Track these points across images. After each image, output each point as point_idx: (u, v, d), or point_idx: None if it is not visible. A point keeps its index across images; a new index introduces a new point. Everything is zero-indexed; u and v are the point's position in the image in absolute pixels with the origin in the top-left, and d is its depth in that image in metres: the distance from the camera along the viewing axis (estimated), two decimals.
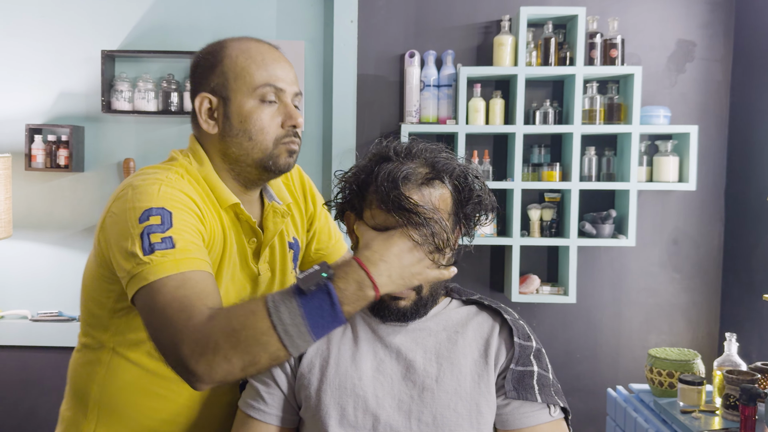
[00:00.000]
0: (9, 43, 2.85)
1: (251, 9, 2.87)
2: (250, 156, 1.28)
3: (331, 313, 1.05)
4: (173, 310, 1.07)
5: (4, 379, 2.89)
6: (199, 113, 1.29)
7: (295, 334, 1.03)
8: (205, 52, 1.32)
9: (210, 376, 1.03)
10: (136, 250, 1.12)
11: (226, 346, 1.02)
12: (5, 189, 2.55)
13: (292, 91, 1.31)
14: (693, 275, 2.89)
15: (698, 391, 2.10)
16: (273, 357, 1.04)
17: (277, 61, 1.30)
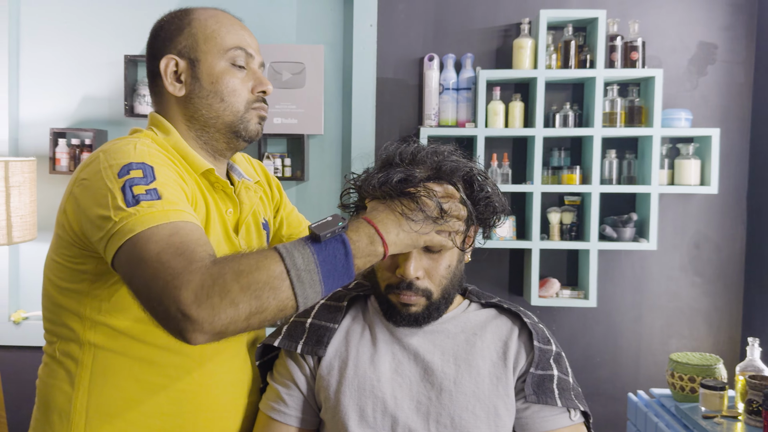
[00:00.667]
0: (34, 50, 2.90)
1: (272, 13, 2.89)
2: (221, 119, 1.25)
3: (344, 264, 1.01)
4: (169, 255, 0.97)
5: (28, 378, 2.93)
6: (165, 75, 1.25)
7: (307, 282, 0.98)
8: (170, 16, 1.30)
9: (212, 323, 0.93)
10: (119, 203, 1.04)
11: (236, 287, 0.94)
12: (30, 192, 2.60)
13: (259, 60, 1.30)
14: (715, 279, 2.86)
15: (720, 396, 2.08)
16: (281, 306, 0.97)
17: (245, 29, 1.30)
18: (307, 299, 0.99)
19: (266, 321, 0.98)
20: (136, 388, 1.19)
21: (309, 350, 1.22)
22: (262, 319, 0.97)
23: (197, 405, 1.23)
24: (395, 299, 1.19)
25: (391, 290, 1.19)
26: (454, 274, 1.21)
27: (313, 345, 1.23)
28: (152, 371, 1.19)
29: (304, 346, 1.23)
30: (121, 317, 1.18)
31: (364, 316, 1.28)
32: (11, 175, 2.48)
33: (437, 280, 1.18)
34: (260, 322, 0.97)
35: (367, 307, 1.30)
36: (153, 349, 1.19)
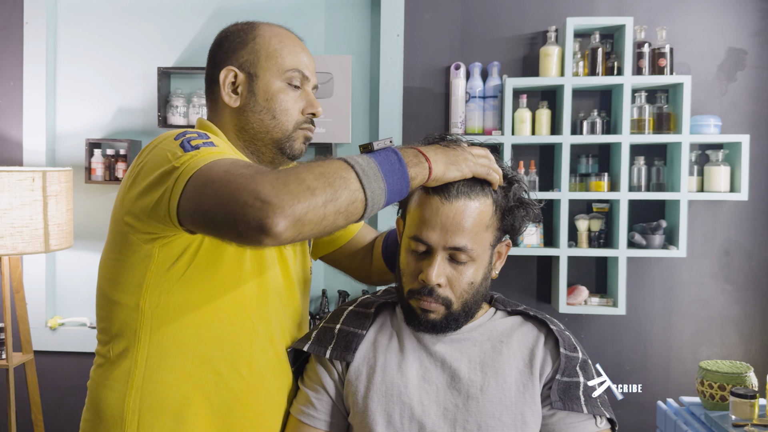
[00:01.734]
0: (71, 63, 2.98)
1: (301, 25, 2.94)
2: (269, 134, 1.30)
3: (399, 167, 1.07)
4: (237, 167, 1.02)
5: (65, 384, 3.00)
6: (223, 85, 1.30)
7: (371, 176, 1.04)
8: (235, 29, 1.34)
9: (292, 207, 0.95)
10: (179, 154, 1.10)
11: (310, 176, 0.99)
12: (66, 201, 2.67)
13: (314, 82, 1.36)
14: (745, 287, 2.83)
15: (751, 404, 2.06)
16: (352, 197, 1.01)
17: (305, 51, 1.35)
18: (374, 193, 1.04)
19: (340, 213, 1.01)
20: (189, 386, 1.22)
21: (337, 355, 1.25)
22: (337, 209, 1.00)
23: (246, 404, 1.25)
24: (415, 304, 1.21)
25: (413, 295, 1.21)
26: (477, 290, 1.22)
27: (341, 350, 1.25)
28: (205, 368, 1.22)
29: (333, 352, 1.25)
30: (175, 310, 1.21)
31: (392, 323, 1.30)
32: (48, 184, 2.56)
33: (458, 291, 1.19)
34: (335, 213, 1.00)
35: (395, 314, 1.32)
36: (206, 346, 1.22)
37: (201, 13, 2.95)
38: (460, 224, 1.16)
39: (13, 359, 2.67)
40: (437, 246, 1.17)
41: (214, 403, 1.23)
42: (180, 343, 1.21)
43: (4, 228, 2.47)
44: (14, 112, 2.95)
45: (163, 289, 1.20)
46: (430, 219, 1.16)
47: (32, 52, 2.92)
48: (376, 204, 1.05)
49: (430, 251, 1.19)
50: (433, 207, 1.17)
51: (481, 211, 1.18)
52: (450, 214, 1.16)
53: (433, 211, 1.17)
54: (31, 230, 2.52)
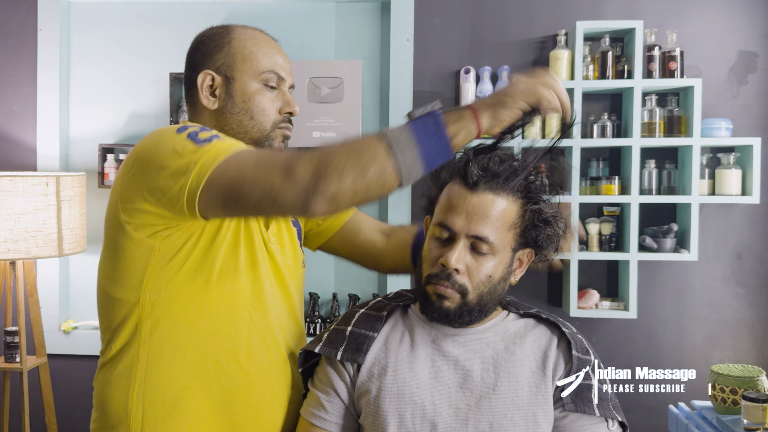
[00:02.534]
0: (84, 69, 3.01)
1: (311, 30, 2.96)
2: (248, 134, 1.34)
3: (435, 129, 1.11)
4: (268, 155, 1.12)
5: (78, 387, 3.02)
6: (201, 89, 1.34)
7: (403, 143, 1.09)
8: (211, 33, 1.39)
9: (326, 187, 1.06)
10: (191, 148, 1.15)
11: (341, 155, 1.08)
12: (80, 206, 2.69)
13: (290, 82, 1.39)
14: (758, 290, 2.81)
15: (763, 408, 2.05)
16: (380, 169, 1.08)
17: (280, 52, 1.38)
18: (406, 160, 1.10)
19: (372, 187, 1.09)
20: (189, 376, 1.25)
21: (348, 357, 1.25)
22: (367, 182, 1.08)
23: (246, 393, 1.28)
24: (431, 290, 1.22)
25: (431, 280, 1.22)
26: (494, 287, 1.23)
27: (352, 352, 1.26)
28: (205, 358, 1.25)
29: (344, 353, 1.26)
30: (174, 303, 1.24)
31: (404, 323, 1.31)
32: (62, 189, 2.58)
33: (475, 282, 1.21)
34: (366, 187, 1.08)
35: (407, 315, 1.33)
36: (205, 336, 1.25)
37: (213, 19, 2.94)
38: (485, 214, 1.19)
39: (27, 362, 2.69)
40: (460, 232, 1.20)
41: (215, 392, 1.26)
42: (179, 335, 1.24)
43: (18, 232, 2.50)
44: (28, 117, 2.98)
45: (162, 282, 1.24)
46: (456, 206, 1.20)
47: (46, 59, 2.95)
48: (413, 169, 1.11)
49: (452, 238, 1.21)
50: (460, 195, 1.21)
51: (507, 209, 1.21)
52: (476, 203, 1.19)
53: (460, 199, 1.20)
54: (44, 234, 2.54)
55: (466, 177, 1.21)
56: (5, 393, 2.79)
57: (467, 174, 1.21)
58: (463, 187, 1.22)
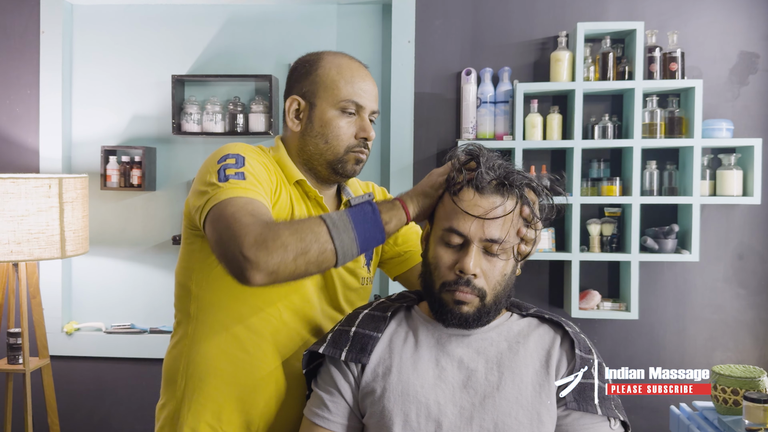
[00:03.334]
0: (86, 71, 3.03)
1: (313, 32, 2.97)
2: (323, 156, 1.45)
3: (372, 217, 1.25)
4: (242, 214, 1.21)
5: (80, 388, 3.03)
6: (288, 112, 1.48)
7: (341, 227, 1.21)
8: (302, 60, 1.51)
9: (266, 263, 1.15)
10: (214, 180, 1.30)
11: (285, 233, 1.17)
12: (82, 207, 2.70)
13: (371, 108, 1.48)
14: (760, 291, 2.82)
15: (764, 408, 2.05)
16: (321, 249, 1.19)
17: (364, 80, 1.48)
18: (343, 243, 1.21)
19: (311, 263, 1.19)
20: (223, 360, 1.40)
21: (353, 357, 1.26)
22: (307, 261, 1.18)
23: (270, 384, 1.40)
24: (449, 297, 1.22)
25: (446, 287, 1.23)
26: (507, 283, 1.25)
27: (356, 353, 1.26)
28: (237, 346, 1.40)
29: (348, 354, 1.26)
30: (214, 292, 1.41)
31: (408, 324, 1.31)
32: (65, 191, 2.59)
33: (492, 283, 1.22)
34: (306, 264, 1.19)
35: (411, 315, 1.33)
36: (238, 327, 1.40)
37: (214, 22, 2.98)
38: (495, 216, 1.21)
39: (29, 364, 2.70)
40: (473, 237, 1.21)
41: (243, 378, 1.39)
42: (217, 321, 1.40)
43: (21, 234, 2.51)
44: (31, 119, 2.99)
45: (204, 274, 1.41)
46: (467, 211, 1.21)
47: (48, 61, 2.96)
48: (348, 252, 1.22)
49: (464, 243, 1.22)
50: (470, 200, 1.22)
51: (511, 206, 1.23)
52: (487, 207, 1.21)
53: (471, 204, 1.21)
54: (47, 236, 2.55)
55: (474, 182, 1.22)
56: (8, 394, 2.80)
57: (477, 181, 1.22)
58: (471, 190, 1.22)
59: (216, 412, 1.40)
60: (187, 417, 1.40)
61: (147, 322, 3.02)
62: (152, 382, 3.00)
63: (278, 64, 2.96)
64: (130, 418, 3.02)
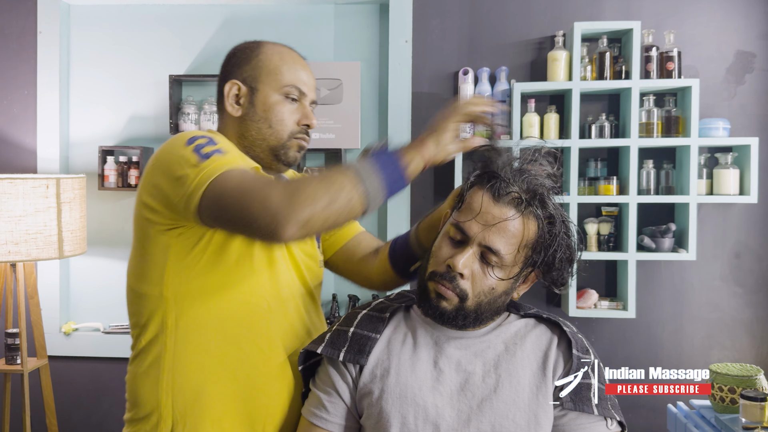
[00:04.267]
0: (84, 71, 3.02)
1: (310, 32, 2.97)
2: (266, 141, 1.43)
3: (393, 161, 1.22)
4: (249, 181, 1.18)
5: (78, 388, 3.03)
6: (227, 97, 1.44)
7: (369, 172, 1.19)
8: (242, 46, 1.49)
9: (297, 216, 1.12)
10: (193, 161, 1.24)
11: (313, 184, 1.15)
12: (80, 208, 2.70)
13: (311, 97, 1.48)
14: (757, 290, 2.83)
15: (761, 407, 2.06)
16: (349, 196, 1.16)
17: (304, 69, 1.48)
18: (372, 187, 1.18)
19: (342, 211, 1.16)
20: (214, 363, 1.33)
21: (351, 358, 1.26)
22: (338, 208, 1.16)
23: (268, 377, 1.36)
24: (432, 287, 1.23)
25: (433, 277, 1.23)
26: (494, 299, 1.23)
27: (355, 353, 1.26)
28: (228, 344, 1.34)
29: (347, 354, 1.26)
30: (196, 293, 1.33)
31: (407, 325, 1.31)
32: (62, 191, 2.59)
33: (477, 290, 1.21)
34: (337, 213, 1.16)
35: (410, 315, 1.33)
36: (227, 324, 1.34)
37: (212, 22, 2.98)
38: (503, 227, 1.19)
39: (27, 364, 2.70)
40: (474, 239, 1.20)
41: (239, 378, 1.34)
42: (202, 324, 1.33)
43: (18, 234, 2.51)
44: (28, 120, 2.99)
45: (182, 277, 1.32)
46: (476, 212, 1.20)
47: (46, 61, 2.96)
48: (377, 196, 1.20)
49: (465, 242, 1.21)
50: (483, 202, 1.21)
51: (526, 228, 1.20)
52: (497, 215, 1.19)
53: (482, 206, 1.20)
54: (45, 237, 2.55)
55: (493, 188, 1.21)
56: (6, 395, 2.80)
57: (496, 186, 1.20)
58: (488, 195, 1.21)
59: (216, 421, 1.33)
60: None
61: None
62: None
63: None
64: None
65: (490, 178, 1.22)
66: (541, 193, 1.21)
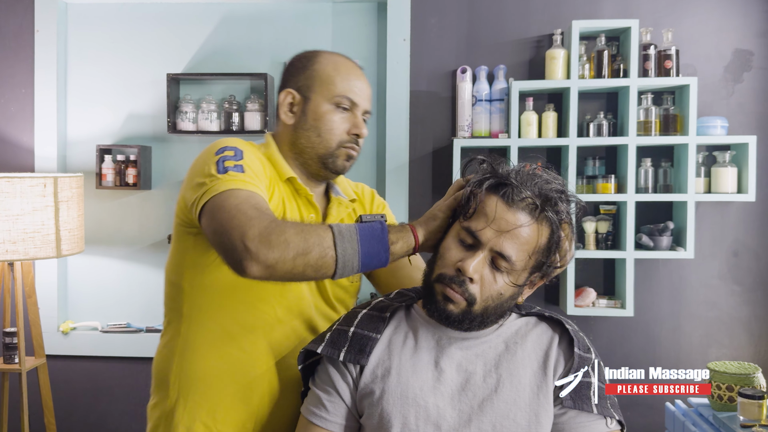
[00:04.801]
0: (81, 70, 3.02)
1: (308, 31, 2.96)
2: (314, 150, 1.46)
3: (379, 235, 1.22)
4: (246, 206, 1.21)
5: (76, 387, 3.03)
6: (281, 105, 1.49)
7: (346, 237, 1.20)
8: (299, 56, 1.53)
9: (266, 256, 1.15)
10: (212, 172, 1.30)
11: (290, 231, 1.17)
12: (78, 206, 2.69)
13: (364, 107, 1.50)
14: (754, 288, 2.83)
15: (759, 405, 2.06)
16: (322, 254, 1.18)
17: (359, 79, 1.51)
18: (345, 252, 1.19)
19: (309, 266, 1.18)
20: (217, 358, 1.41)
21: (351, 358, 1.25)
22: (306, 263, 1.17)
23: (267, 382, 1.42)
24: (440, 289, 1.22)
25: (441, 280, 1.22)
26: (501, 303, 1.22)
27: (355, 353, 1.26)
28: (231, 343, 1.40)
29: (347, 354, 1.26)
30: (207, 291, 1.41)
31: (408, 324, 1.31)
32: (60, 190, 2.58)
33: (485, 295, 1.20)
34: (304, 266, 1.17)
35: (411, 314, 1.33)
36: (233, 324, 1.40)
37: (210, 20, 2.98)
38: (515, 234, 1.18)
39: (25, 363, 2.69)
40: (486, 244, 1.19)
41: (239, 376, 1.40)
42: (210, 319, 1.41)
43: (16, 233, 2.50)
44: (26, 118, 2.98)
45: (197, 271, 1.41)
46: (489, 217, 1.19)
47: (43, 60, 2.96)
48: (349, 263, 1.20)
49: (475, 246, 1.20)
50: (496, 207, 1.19)
51: (539, 234, 1.20)
52: (510, 221, 1.18)
53: (495, 211, 1.19)
54: (42, 235, 2.55)
55: (506, 193, 1.19)
56: (4, 394, 2.80)
57: (509, 192, 1.19)
58: (501, 200, 1.19)
59: (211, 410, 1.40)
60: (183, 416, 1.41)
61: (143, 321, 3.01)
62: (148, 381, 2.97)
63: (273, 63, 2.96)
64: (126, 417, 3.02)
65: (500, 185, 1.21)
66: (554, 198, 1.21)
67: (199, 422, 1.40)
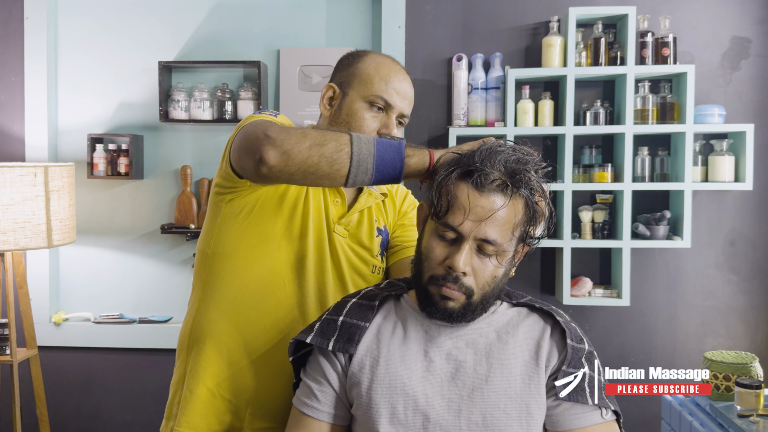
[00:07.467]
0: (72, 58, 2.98)
1: (302, 18, 2.93)
2: None
3: (396, 146, 1.27)
4: (272, 124, 1.29)
5: (69, 379, 3.01)
6: (322, 98, 1.54)
7: (363, 141, 1.25)
8: (349, 54, 1.58)
9: (283, 141, 1.23)
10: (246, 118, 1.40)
11: (313, 131, 1.26)
12: (69, 196, 2.67)
13: (400, 109, 1.53)
14: (751, 277, 2.82)
15: (756, 394, 2.06)
16: (338, 147, 1.24)
17: (401, 82, 1.54)
18: (361, 151, 1.24)
19: (324, 157, 1.23)
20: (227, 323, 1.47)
21: (340, 347, 1.24)
22: (321, 153, 1.23)
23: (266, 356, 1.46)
24: (435, 290, 1.20)
25: (434, 281, 1.20)
26: (497, 285, 1.22)
27: (344, 343, 1.25)
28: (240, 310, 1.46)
29: (336, 344, 1.25)
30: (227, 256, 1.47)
31: (397, 314, 1.30)
32: (51, 180, 2.55)
33: (481, 283, 1.19)
34: (319, 156, 1.23)
35: (400, 304, 1.31)
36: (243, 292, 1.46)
37: (202, 7, 2.94)
38: (494, 217, 1.17)
39: (17, 355, 2.67)
40: (468, 235, 1.17)
41: (249, 341, 1.46)
42: (225, 286, 1.47)
43: (6, 224, 2.47)
44: (16, 107, 2.95)
45: (221, 237, 1.48)
46: (464, 208, 1.17)
47: (33, 48, 2.92)
48: (363, 163, 1.24)
49: (458, 239, 1.19)
50: (469, 196, 1.17)
51: (515, 209, 1.19)
52: (486, 206, 1.17)
53: (469, 201, 1.17)
54: (33, 226, 2.52)
55: (475, 180, 1.17)
56: None
57: (477, 177, 1.17)
58: (472, 188, 1.18)
59: (215, 375, 1.46)
60: (190, 379, 1.47)
61: (136, 311, 2.99)
62: (142, 372, 2.98)
63: (267, 51, 2.93)
64: (119, 408, 3.00)
65: (467, 173, 1.19)
66: (521, 170, 1.19)
67: (203, 386, 1.46)
